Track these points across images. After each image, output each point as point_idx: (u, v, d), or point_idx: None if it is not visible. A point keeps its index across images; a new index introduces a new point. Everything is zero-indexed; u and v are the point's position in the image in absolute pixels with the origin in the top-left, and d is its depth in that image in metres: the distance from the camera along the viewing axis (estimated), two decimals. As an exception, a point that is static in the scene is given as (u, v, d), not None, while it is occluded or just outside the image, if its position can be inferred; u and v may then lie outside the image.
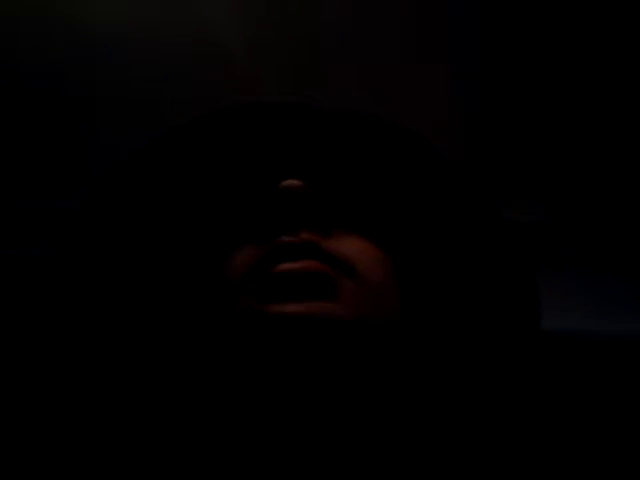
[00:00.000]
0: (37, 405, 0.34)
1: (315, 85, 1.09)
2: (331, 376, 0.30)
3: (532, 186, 1.37)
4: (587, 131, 1.17)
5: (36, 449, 0.31)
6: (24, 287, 1.10)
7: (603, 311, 1.18)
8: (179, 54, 1.08)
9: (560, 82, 1.04)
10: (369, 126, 0.38)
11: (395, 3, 0.98)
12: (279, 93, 1.08)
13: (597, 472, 0.50)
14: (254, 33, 1.00)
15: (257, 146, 0.37)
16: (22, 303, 1.04)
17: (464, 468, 0.31)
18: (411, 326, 0.34)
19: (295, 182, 0.33)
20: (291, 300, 0.29)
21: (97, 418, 0.32)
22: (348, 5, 0.96)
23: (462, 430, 0.32)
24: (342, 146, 0.37)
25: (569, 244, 1.35)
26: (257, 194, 0.36)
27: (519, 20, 0.94)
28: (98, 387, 0.33)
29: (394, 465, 0.30)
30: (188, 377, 0.33)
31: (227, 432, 0.30)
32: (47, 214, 1.35)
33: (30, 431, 0.33)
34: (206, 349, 0.33)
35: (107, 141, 1.30)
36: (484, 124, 1.18)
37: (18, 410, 0.35)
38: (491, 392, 0.34)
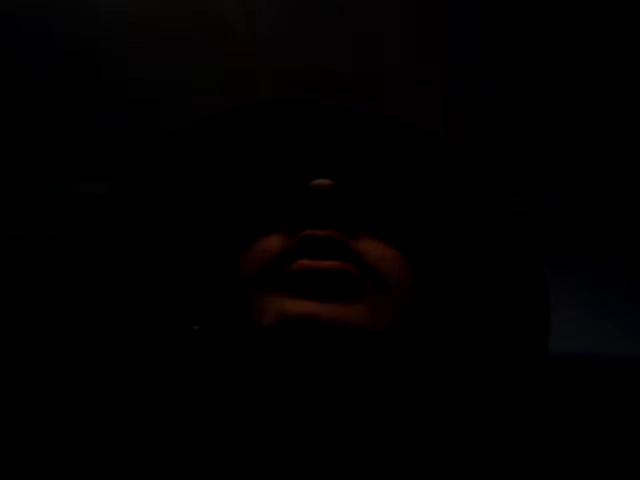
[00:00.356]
0: (47, 397, 0.34)
1: (313, 82, 1.09)
2: (337, 383, 0.29)
3: (536, 178, 1.38)
4: (590, 125, 1.18)
5: (36, 447, 0.30)
6: (40, 268, 1.09)
7: (605, 304, 1.19)
8: (180, 33, 1.08)
9: (564, 76, 1.05)
10: (398, 132, 0.38)
11: (396, 4, 0.99)
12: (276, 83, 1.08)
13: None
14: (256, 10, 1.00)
15: (290, 144, 0.38)
16: (40, 285, 1.03)
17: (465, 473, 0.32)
18: (423, 338, 0.34)
19: (326, 181, 0.33)
20: (313, 298, 0.29)
21: (100, 415, 0.32)
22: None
23: (470, 435, 0.32)
24: (371, 150, 0.38)
25: (571, 235, 1.36)
26: (286, 190, 0.37)
27: (523, 17, 0.94)
28: (107, 380, 0.33)
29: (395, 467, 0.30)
30: (194, 375, 0.33)
31: (230, 432, 0.30)
32: (67, 198, 1.34)
33: (34, 421, 0.32)
34: (216, 350, 0.33)
35: (122, 126, 1.29)
36: (487, 117, 1.18)
37: (25, 399, 0.34)
38: (499, 401, 0.34)
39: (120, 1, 1.00)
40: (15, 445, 0.30)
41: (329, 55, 1.03)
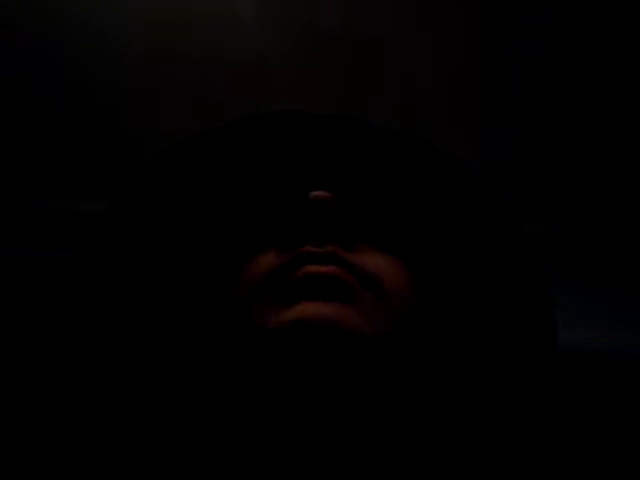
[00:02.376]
0: (48, 404, 0.34)
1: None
2: (334, 384, 0.30)
3: (546, 197, 1.36)
4: (602, 145, 1.17)
5: (37, 449, 0.31)
6: (40, 288, 1.10)
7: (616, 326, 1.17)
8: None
9: (584, 95, 1.05)
10: (395, 141, 0.38)
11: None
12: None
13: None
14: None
15: (288, 155, 0.37)
16: (38, 304, 1.04)
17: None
18: (421, 346, 0.34)
19: (324, 194, 0.33)
20: (310, 299, 0.29)
21: (100, 419, 0.32)
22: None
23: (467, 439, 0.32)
24: (371, 162, 0.37)
25: (580, 256, 1.34)
26: (284, 202, 0.36)
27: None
28: (105, 388, 0.34)
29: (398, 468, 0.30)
30: (195, 381, 0.33)
31: (231, 433, 0.30)
32: (66, 216, 1.36)
33: (35, 430, 0.32)
34: (215, 354, 0.33)
35: (129, 142, 1.30)
36: (502, 136, 1.18)
37: (26, 408, 0.35)
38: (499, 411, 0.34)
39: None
40: (16, 446, 0.31)
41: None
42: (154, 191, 0.37)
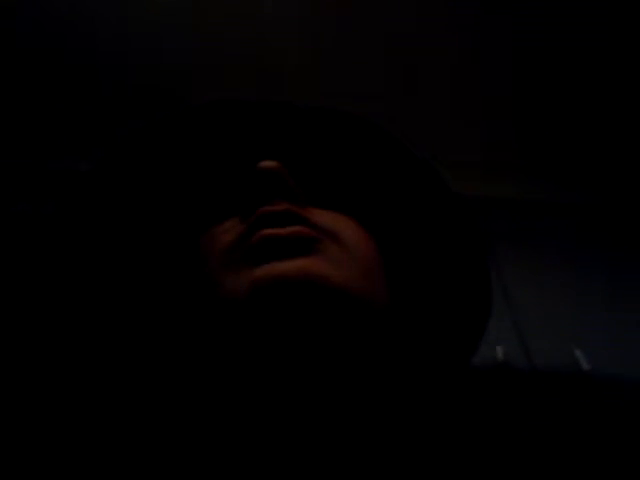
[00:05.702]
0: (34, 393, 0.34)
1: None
2: (316, 336, 0.30)
3: (578, 168, 1.35)
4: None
5: (36, 448, 0.31)
6: (27, 243, 1.08)
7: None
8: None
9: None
10: (340, 121, 0.40)
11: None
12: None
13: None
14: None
15: (245, 138, 0.40)
16: (24, 259, 1.03)
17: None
18: (397, 312, 0.35)
19: (270, 162, 0.35)
20: (277, 259, 0.30)
21: (94, 413, 0.33)
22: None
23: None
24: (314, 138, 0.40)
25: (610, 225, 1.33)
26: (238, 177, 0.39)
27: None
28: (89, 377, 0.34)
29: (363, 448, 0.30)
30: (179, 364, 0.33)
31: (224, 423, 0.30)
32: (54, 175, 1.35)
33: (30, 424, 0.33)
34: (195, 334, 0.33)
35: (114, 108, 1.27)
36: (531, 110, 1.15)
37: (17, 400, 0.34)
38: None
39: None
40: (15, 445, 0.31)
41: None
42: (129, 166, 0.38)
